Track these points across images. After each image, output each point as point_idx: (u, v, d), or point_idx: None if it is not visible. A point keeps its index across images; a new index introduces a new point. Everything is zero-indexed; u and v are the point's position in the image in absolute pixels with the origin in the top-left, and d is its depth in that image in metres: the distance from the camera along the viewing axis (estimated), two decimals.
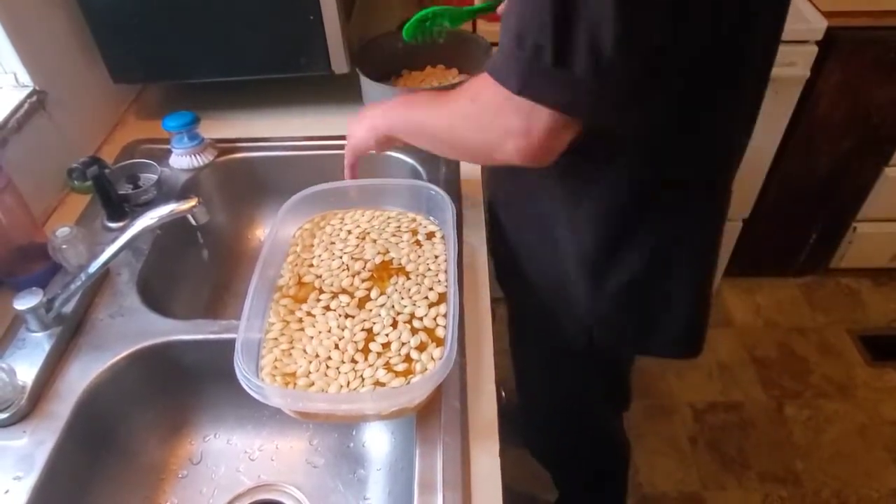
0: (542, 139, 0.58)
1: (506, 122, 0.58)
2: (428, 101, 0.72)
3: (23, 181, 0.81)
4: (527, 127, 0.57)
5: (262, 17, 1.00)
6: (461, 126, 0.65)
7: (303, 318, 0.73)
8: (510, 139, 0.59)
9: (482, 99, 0.60)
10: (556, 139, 0.58)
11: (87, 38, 1.01)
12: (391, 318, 0.71)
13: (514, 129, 0.58)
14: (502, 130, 0.59)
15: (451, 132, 0.68)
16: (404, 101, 0.76)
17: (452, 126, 0.67)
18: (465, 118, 0.64)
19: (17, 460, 0.66)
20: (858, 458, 1.58)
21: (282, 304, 0.75)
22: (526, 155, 0.59)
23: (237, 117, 1.14)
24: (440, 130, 0.70)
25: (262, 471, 0.82)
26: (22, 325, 0.76)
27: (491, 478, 0.64)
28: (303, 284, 0.77)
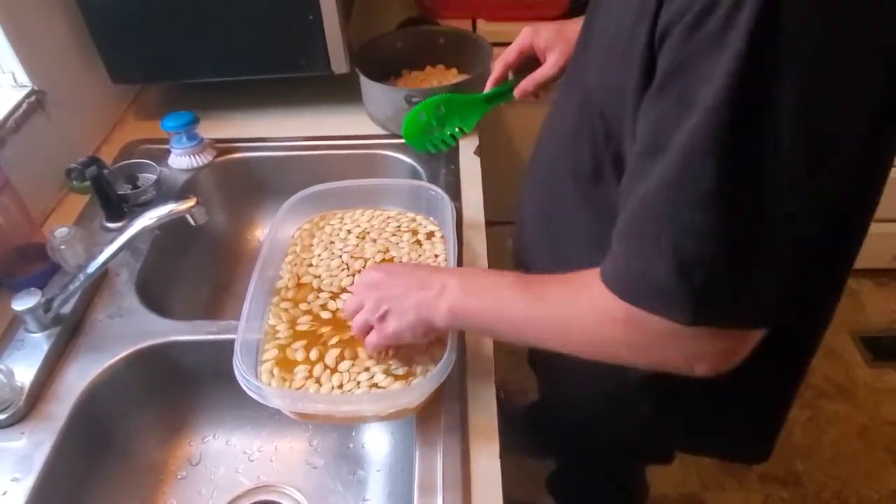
0: (742, 350, 0.50)
1: (692, 347, 0.49)
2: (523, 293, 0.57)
3: (21, 181, 0.81)
4: (724, 349, 0.49)
5: (262, 17, 1.00)
6: (605, 348, 0.54)
7: (302, 319, 0.73)
8: (702, 362, 0.50)
9: (640, 323, 0.49)
10: (748, 347, 0.50)
11: (86, 38, 1.01)
12: None
13: (707, 352, 0.50)
14: (688, 354, 0.50)
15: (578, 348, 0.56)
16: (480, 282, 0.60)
17: (587, 347, 0.55)
18: (611, 340, 0.53)
19: (16, 462, 0.66)
20: (859, 459, 1.58)
21: (281, 304, 0.74)
22: (722, 370, 0.50)
23: (236, 117, 1.14)
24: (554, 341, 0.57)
25: (261, 472, 0.82)
26: (20, 326, 0.76)
27: (491, 480, 0.63)
28: (302, 285, 0.77)
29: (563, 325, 0.55)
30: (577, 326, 0.54)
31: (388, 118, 1.06)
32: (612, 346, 0.53)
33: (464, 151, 1.04)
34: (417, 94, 1.01)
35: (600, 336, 0.53)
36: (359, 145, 1.07)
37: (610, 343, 0.52)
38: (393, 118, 1.05)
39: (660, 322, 0.47)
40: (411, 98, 1.00)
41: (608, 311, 0.50)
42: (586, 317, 0.53)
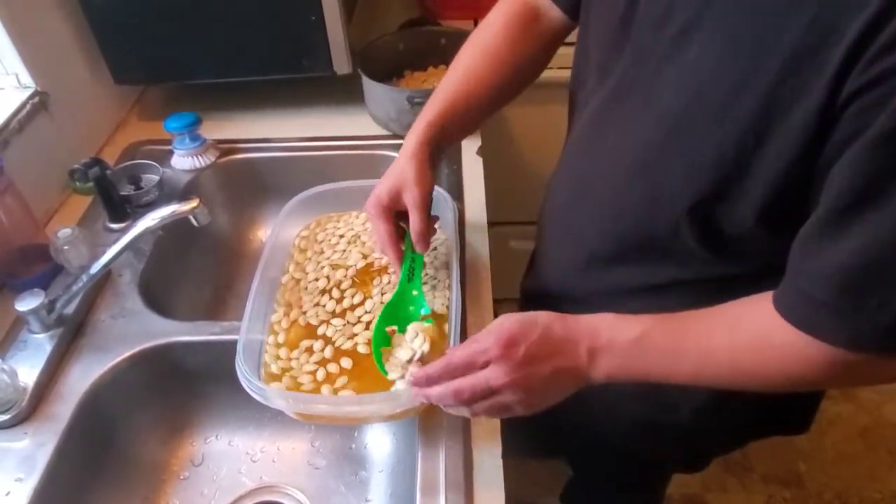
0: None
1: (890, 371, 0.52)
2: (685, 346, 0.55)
3: (24, 182, 0.81)
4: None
5: (264, 17, 1.00)
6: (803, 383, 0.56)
7: (305, 320, 0.73)
8: None
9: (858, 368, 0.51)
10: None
11: (90, 39, 1.01)
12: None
13: None
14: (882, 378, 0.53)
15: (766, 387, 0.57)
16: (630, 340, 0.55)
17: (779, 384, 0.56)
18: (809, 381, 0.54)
19: (19, 462, 0.66)
20: (861, 461, 1.57)
21: (283, 305, 0.74)
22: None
23: (239, 118, 1.14)
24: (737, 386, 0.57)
25: (263, 472, 0.82)
26: (23, 327, 0.76)
27: (494, 480, 0.63)
28: (304, 286, 0.77)
29: (749, 376, 0.55)
30: (767, 373, 0.54)
31: (391, 119, 1.06)
32: (810, 383, 0.55)
33: (466, 152, 1.04)
34: (420, 94, 1.01)
35: (800, 378, 0.53)
36: (361, 146, 1.07)
37: (807, 382, 0.54)
38: (395, 119, 1.05)
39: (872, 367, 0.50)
40: (413, 99, 1.01)
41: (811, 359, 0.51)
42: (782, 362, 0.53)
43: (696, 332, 0.55)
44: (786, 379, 0.54)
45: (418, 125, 0.71)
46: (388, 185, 0.68)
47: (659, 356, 0.55)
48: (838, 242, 0.47)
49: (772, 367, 0.53)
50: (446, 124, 0.71)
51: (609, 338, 0.55)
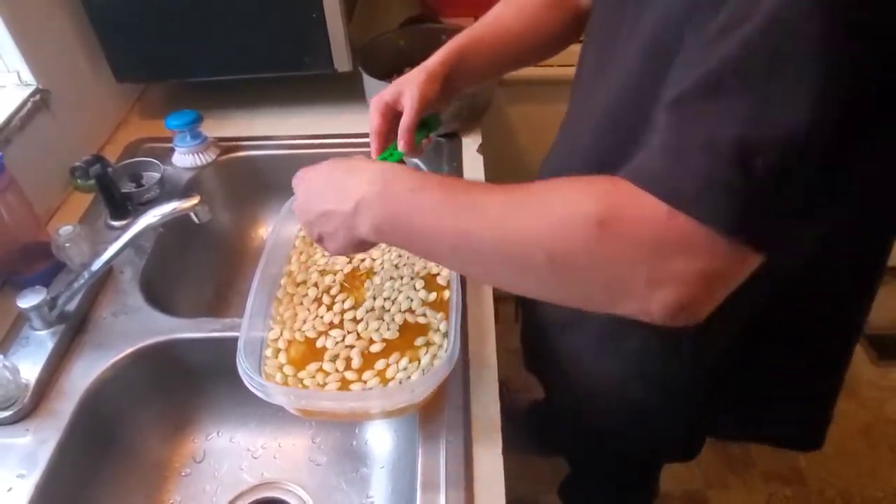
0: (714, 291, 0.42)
1: (671, 264, 0.40)
2: (458, 201, 0.48)
3: (26, 180, 0.81)
4: (705, 272, 0.40)
5: (265, 15, 1.00)
6: (561, 257, 0.44)
7: (306, 317, 0.73)
8: (668, 287, 0.41)
9: (625, 226, 0.41)
10: (728, 289, 0.43)
11: (91, 37, 1.01)
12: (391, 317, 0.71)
13: (683, 273, 0.41)
14: (658, 274, 0.41)
15: (529, 261, 0.45)
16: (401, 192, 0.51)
17: (541, 255, 0.44)
18: (574, 246, 0.43)
19: (21, 458, 0.66)
20: (863, 458, 1.57)
21: (284, 302, 0.75)
22: (681, 309, 0.42)
23: (240, 116, 1.14)
24: (499, 256, 0.47)
25: (264, 469, 0.82)
26: (25, 324, 0.76)
27: (494, 476, 0.63)
28: (305, 282, 0.77)
29: (512, 232, 0.45)
30: (530, 235, 0.45)
31: None
32: (571, 260, 0.43)
33: (467, 150, 1.04)
34: None
35: (561, 246, 0.43)
36: (361, 143, 1.07)
37: (569, 257, 0.43)
38: None
39: (646, 225, 0.40)
40: None
41: (580, 214, 0.42)
42: (547, 220, 0.44)
43: (483, 187, 0.49)
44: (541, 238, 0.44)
45: (440, 50, 0.72)
46: (394, 86, 0.69)
47: (425, 205, 0.49)
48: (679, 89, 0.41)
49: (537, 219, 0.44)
50: (467, 55, 0.72)
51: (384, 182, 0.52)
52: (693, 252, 0.40)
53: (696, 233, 0.39)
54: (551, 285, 0.47)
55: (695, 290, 0.41)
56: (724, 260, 0.40)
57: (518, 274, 0.47)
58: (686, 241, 0.40)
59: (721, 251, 0.40)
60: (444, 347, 0.67)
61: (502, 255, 0.47)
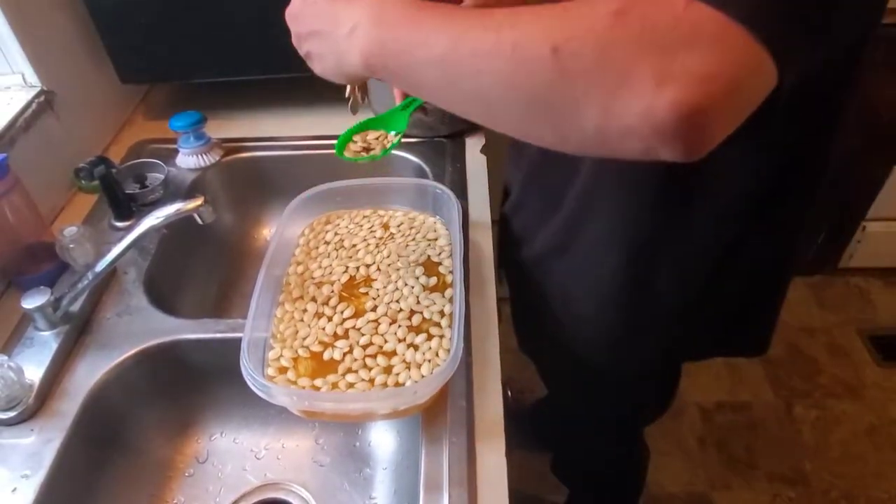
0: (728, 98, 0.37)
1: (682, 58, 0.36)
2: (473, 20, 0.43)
3: (30, 181, 0.82)
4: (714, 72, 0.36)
5: (269, 16, 1.00)
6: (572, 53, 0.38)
7: (309, 317, 0.73)
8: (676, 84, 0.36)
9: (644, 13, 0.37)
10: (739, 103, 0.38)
11: (95, 38, 1.02)
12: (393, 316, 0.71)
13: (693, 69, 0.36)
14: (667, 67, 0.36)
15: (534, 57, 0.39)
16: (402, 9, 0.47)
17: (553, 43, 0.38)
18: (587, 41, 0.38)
19: (25, 458, 0.66)
20: (867, 459, 1.57)
21: (287, 303, 0.75)
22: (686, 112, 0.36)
23: (243, 117, 1.15)
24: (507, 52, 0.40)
25: (268, 469, 0.82)
26: (30, 324, 0.76)
27: (497, 477, 0.63)
28: (309, 284, 0.77)
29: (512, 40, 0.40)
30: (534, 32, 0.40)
31: None
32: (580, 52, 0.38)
33: (470, 150, 1.04)
34: None
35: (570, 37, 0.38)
36: None
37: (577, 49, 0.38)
38: None
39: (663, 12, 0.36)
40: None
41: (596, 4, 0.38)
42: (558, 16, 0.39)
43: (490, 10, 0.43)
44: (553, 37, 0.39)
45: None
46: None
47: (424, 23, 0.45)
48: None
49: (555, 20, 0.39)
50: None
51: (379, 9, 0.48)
52: (708, 45, 0.36)
53: (713, 23, 0.36)
54: (547, 87, 0.40)
55: (707, 88, 0.36)
56: (739, 58, 0.36)
57: (512, 77, 0.41)
58: (702, 31, 0.36)
59: (737, 47, 0.36)
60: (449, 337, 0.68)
61: (500, 56, 0.41)
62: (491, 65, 0.41)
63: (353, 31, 0.49)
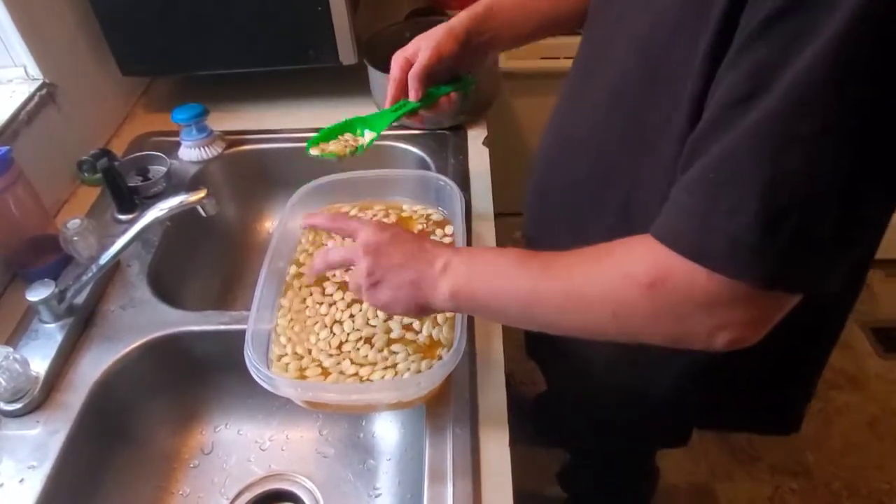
0: (776, 319, 0.47)
1: (723, 315, 0.46)
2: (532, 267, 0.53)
3: (34, 174, 0.82)
4: (758, 317, 0.46)
5: (270, 8, 1.00)
6: (623, 317, 0.49)
7: (312, 309, 0.73)
8: (726, 332, 0.47)
9: (670, 286, 0.46)
10: (778, 318, 0.47)
11: (97, 31, 1.02)
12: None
13: (737, 320, 0.46)
14: (713, 324, 0.46)
15: (593, 321, 0.51)
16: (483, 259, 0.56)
17: (604, 316, 0.50)
18: (630, 308, 0.48)
19: (32, 450, 0.67)
20: (870, 450, 1.57)
21: (291, 295, 0.75)
22: (742, 343, 0.47)
23: (245, 109, 1.15)
24: (567, 316, 0.52)
25: (272, 461, 0.83)
26: (34, 317, 0.77)
27: (501, 468, 0.64)
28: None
29: (577, 298, 0.50)
30: (593, 297, 0.50)
31: None
32: (632, 316, 0.49)
33: (472, 142, 1.04)
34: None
35: (620, 305, 0.48)
36: None
37: (629, 314, 0.49)
38: None
39: (691, 287, 0.45)
40: None
41: (632, 276, 0.47)
42: (606, 284, 0.49)
43: (550, 255, 0.53)
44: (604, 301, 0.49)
45: (464, 10, 0.74)
46: (415, 41, 0.72)
47: (502, 270, 0.54)
48: (707, 150, 0.44)
49: (597, 283, 0.50)
50: (489, 17, 0.74)
51: (465, 256, 0.57)
52: (739, 304, 0.45)
53: (736, 289, 0.44)
54: (620, 335, 0.51)
55: (748, 332, 0.47)
56: (767, 307, 0.46)
57: (589, 327, 0.52)
58: (730, 296, 0.44)
59: (763, 301, 0.45)
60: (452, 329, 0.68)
61: (572, 315, 0.52)
62: (563, 320, 0.53)
63: (445, 267, 0.56)
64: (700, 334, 0.48)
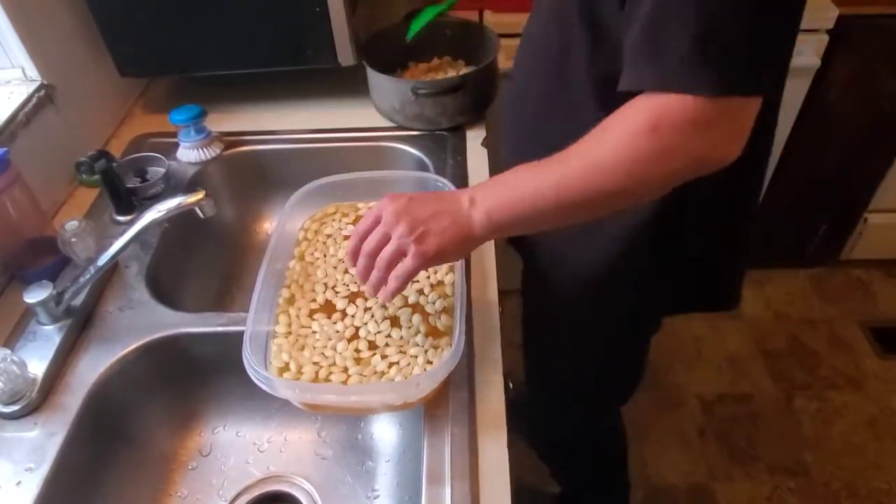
0: (748, 129, 0.54)
1: (712, 133, 0.53)
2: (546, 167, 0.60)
3: (31, 175, 0.82)
4: (736, 128, 0.54)
5: (268, 9, 1.00)
6: (638, 168, 0.55)
7: (310, 311, 0.73)
8: (720, 147, 0.54)
9: (668, 122, 0.53)
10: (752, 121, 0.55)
11: (94, 32, 1.02)
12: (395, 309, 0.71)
13: (724, 134, 0.54)
14: (708, 143, 0.54)
15: (615, 183, 0.57)
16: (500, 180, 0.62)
17: (622, 174, 0.56)
18: (643, 156, 0.55)
19: (29, 452, 0.67)
20: (868, 450, 1.57)
21: (289, 296, 0.75)
22: (730, 156, 0.55)
23: (244, 110, 1.14)
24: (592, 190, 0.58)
25: (271, 462, 0.83)
26: (32, 318, 0.77)
27: (499, 468, 0.64)
28: (310, 277, 0.77)
29: (596, 171, 0.57)
30: (608, 163, 0.56)
31: (395, 110, 1.06)
32: (646, 164, 0.55)
33: (471, 143, 1.04)
34: (424, 85, 1.01)
35: (633, 157, 0.55)
36: (366, 137, 1.07)
37: (644, 160, 0.55)
38: (399, 110, 1.05)
39: (683, 111, 0.52)
40: (418, 90, 1.00)
41: (634, 131, 0.54)
42: (616, 148, 0.55)
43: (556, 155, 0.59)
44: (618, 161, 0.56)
45: None
46: None
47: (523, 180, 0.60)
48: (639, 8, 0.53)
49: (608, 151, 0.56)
50: None
51: (482, 185, 0.63)
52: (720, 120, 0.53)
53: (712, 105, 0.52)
54: (639, 187, 0.57)
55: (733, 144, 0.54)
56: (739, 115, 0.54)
57: (611, 197, 0.58)
58: (710, 113, 0.52)
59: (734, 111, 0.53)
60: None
61: (594, 190, 0.57)
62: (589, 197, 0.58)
63: (471, 202, 0.61)
64: (700, 158, 0.55)
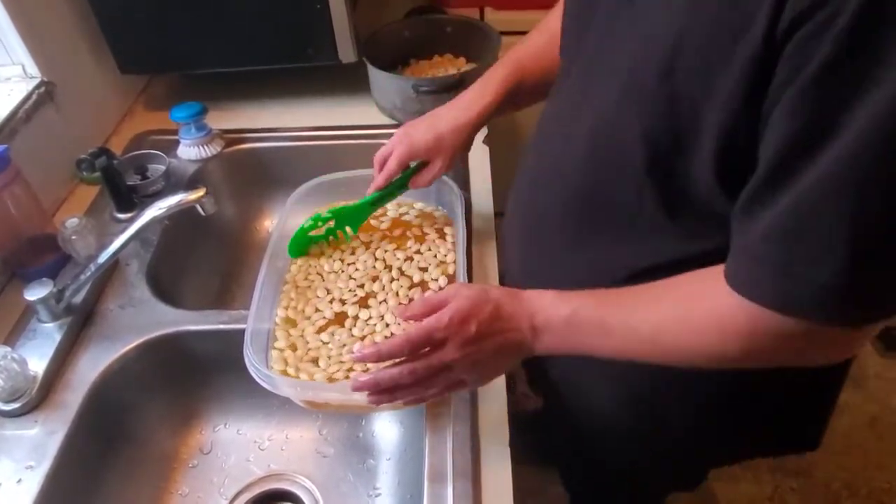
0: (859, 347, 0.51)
1: (824, 344, 0.49)
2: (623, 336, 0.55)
3: (32, 172, 0.81)
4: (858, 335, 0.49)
5: (269, 6, 0.99)
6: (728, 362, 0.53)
7: (311, 309, 0.73)
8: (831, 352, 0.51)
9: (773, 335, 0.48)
10: None
11: (95, 28, 1.01)
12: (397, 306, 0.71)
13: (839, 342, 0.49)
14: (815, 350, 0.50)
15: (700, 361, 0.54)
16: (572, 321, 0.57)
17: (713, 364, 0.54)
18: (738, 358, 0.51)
19: (30, 450, 0.66)
20: (870, 450, 1.57)
21: (290, 294, 0.75)
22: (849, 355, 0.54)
23: (245, 108, 1.14)
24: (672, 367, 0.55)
25: (272, 460, 0.82)
26: (33, 316, 0.76)
27: (501, 467, 0.63)
28: (310, 275, 0.77)
29: (674, 353, 0.54)
30: (689, 351, 0.53)
31: (396, 107, 1.06)
32: (733, 361, 0.52)
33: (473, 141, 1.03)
34: (425, 83, 1.01)
35: (721, 359, 0.52)
36: (367, 135, 1.07)
37: (730, 360, 0.52)
38: (400, 107, 1.05)
39: (786, 332, 0.47)
40: (419, 87, 1.00)
41: (727, 332, 0.49)
42: (702, 339, 0.51)
43: (622, 307, 0.55)
44: (704, 353, 0.52)
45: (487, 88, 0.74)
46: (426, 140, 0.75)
47: (588, 332, 0.57)
48: (775, 199, 0.44)
49: (692, 340, 0.52)
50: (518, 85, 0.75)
51: (545, 318, 0.57)
52: (831, 342, 0.49)
53: (828, 331, 0.46)
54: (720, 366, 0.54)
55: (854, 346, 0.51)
56: (855, 338, 0.49)
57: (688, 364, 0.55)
58: (822, 337, 0.47)
59: (850, 335, 0.48)
60: None
61: (669, 360, 0.55)
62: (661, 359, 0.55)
63: (534, 331, 0.57)
64: (805, 361, 0.51)
